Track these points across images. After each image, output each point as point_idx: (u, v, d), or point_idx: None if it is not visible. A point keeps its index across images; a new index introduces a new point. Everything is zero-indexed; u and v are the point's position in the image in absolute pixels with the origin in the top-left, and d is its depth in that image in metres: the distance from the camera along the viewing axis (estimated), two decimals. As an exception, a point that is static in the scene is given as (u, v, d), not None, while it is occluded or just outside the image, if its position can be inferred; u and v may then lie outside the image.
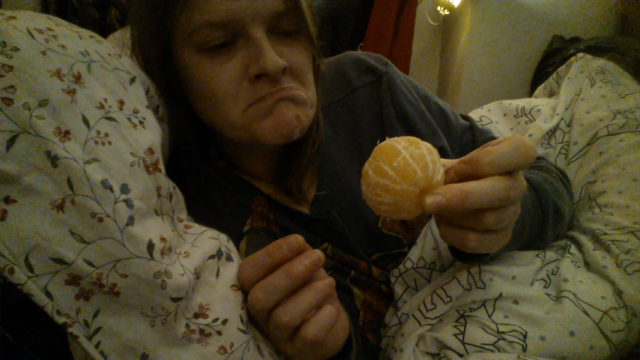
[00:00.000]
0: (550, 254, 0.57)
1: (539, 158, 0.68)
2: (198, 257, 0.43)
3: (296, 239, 0.42)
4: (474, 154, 0.36)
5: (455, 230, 0.38)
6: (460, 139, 0.66)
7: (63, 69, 0.37)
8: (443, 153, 0.62)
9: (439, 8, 2.30)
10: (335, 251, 0.58)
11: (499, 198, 0.35)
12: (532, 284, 0.53)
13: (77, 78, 0.38)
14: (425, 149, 0.34)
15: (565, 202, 0.60)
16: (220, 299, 0.43)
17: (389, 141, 0.35)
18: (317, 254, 0.42)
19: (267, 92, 0.48)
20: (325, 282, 0.43)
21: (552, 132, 0.79)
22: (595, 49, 1.62)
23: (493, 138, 0.67)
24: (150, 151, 0.42)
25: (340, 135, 0.63)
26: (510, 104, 0.91)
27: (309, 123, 0.53)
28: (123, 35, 0.55)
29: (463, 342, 0.49)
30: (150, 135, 0.43)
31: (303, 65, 0.51)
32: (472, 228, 0.37)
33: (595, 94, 0.80)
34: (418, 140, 0.35)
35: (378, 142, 0.36)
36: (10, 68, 0.34)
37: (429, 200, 0.33)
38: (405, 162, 0.33)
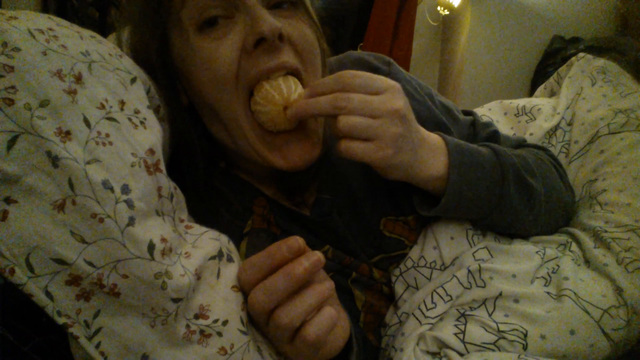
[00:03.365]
0: (550, 252, 0.57)
1: (540, 148, 0.68)
2: (199, 257, 0.43)
3: (296, 241, 0.41)
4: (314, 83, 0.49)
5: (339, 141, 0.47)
6: (467, 134, 0.66)
7: (64, 69, 0.37)
8: None
9: (439, 8, 2.30)
10: (336, 253, 0.58)
11: (330, 105, 0.46)
12: (532, 282, 0.53)
13: (78, 78, 0.38)
14: (283, 79, 0.49)
15: (542, 180, 0.59)
16: (221, 299, 0.43)
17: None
18: (317, 256, 0.42)
19: (267, 65, 0.48)
20: (325, 285, 0.43)
21: (552, 131, 0.79)
22: (596, 49, 1.62)
23: (494, 131, 0.67)
24: (151, 151, 0.42)
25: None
26: (510, 103, 0.91)
27: (320, 148, 0.53)
28: (115, 39, 0.55)
29: (463, 342, 0.49)
30: (151, 135, 0.43)
31: (305, 37, 0.51)
32: (343, 137, 0.47)
33: (596, 93, 0.80)
34: (288, 77, 0.50)
35: None
36: (11, 68, 0.34)
37: (289, 112, 0.48)
38: (267, 91, 0.48)
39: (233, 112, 0.50)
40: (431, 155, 0.52)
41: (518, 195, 0.56)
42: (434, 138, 0.54)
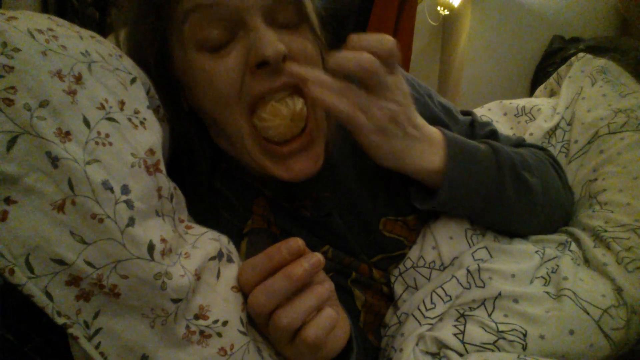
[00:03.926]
0: (549, 251, 0.57)
1: (540, 148, 0.68)
2: (199, 258, 0.43)
3: (296, 242, 0.41)
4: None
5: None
6: (466, 134, 0.66)
7: (64, 70, 0.37)
8: None
9: (439, 8, 2.30)
10: (336, 253, 0.58)
11: (351, 110, 0.47)
12: (531, 282, 0.53)
13: (78, 78, 0.38)
14: (288, 95, 0.50)
15: (539, 177, 0.59)
16: (221, 300, 0.43)
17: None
18: (316, 257, 0.42)
19: (271, 85, 0.48)
20: (324, 286, 0.43)
21: (552, 131, 0.79)
22: (596, 49, 1.62)
23: (493, 130, 0.67)
24: (151, 152, 0.42)
25: (342, 137, 0.63)
26: (510, 103, 0.91)
27: (322, 159, 0.53)
28: (114, 39, 0.55)
29: (463, 342, 0.49)
30: (151, 135, 0.43)
31: (307, 54, 0.50)
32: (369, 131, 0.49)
33: (596, 93, 0.80)
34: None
35: None
36: (11, 69, 0.34)
37: (288, 65, 0.47)
38: (273, 106, 0.49)
39: (235, 126, 0.50)
40: (428, 147, 0.53)
41: (515, 191, 0.56)
42: (433, 131, 0.55)
